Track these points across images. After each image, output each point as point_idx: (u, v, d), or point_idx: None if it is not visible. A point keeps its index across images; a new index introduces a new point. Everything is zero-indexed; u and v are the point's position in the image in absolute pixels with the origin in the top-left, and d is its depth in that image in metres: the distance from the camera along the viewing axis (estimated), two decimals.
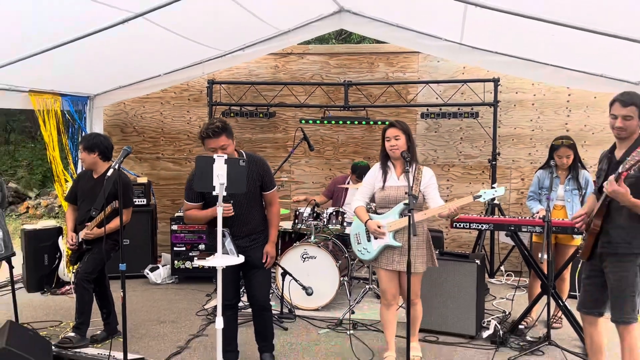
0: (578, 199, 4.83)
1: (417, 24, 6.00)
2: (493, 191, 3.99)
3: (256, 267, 3.96)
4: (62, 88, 6.33)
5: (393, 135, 4.05)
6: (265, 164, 4.00)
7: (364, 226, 4.08)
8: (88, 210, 4.31)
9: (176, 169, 8.02)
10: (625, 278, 3.31)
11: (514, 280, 6.77)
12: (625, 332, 3.37)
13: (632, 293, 3.31)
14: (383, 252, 4.02)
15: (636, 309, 3.34)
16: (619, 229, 3.34)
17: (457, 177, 7.38)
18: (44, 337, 4.33)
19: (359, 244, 4.18)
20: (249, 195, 3.86)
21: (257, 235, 3.98)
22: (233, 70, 7.72)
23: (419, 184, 4.03)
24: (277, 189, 4.15)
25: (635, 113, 3.28)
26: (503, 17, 4.64)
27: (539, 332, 4.74)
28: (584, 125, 7.02)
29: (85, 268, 4.53)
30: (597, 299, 3.52)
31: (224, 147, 3.73)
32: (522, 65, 5.93)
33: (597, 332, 3.60)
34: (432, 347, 4.53)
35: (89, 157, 4.60)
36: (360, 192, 4.20)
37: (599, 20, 4.26)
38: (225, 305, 3.83)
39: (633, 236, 3.30)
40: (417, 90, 7.35)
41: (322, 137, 7.70)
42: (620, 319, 3.35)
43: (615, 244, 3.35)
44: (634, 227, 3.29)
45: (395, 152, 4.02)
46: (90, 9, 4.23)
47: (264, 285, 4.05)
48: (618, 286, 3.34)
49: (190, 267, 6.50)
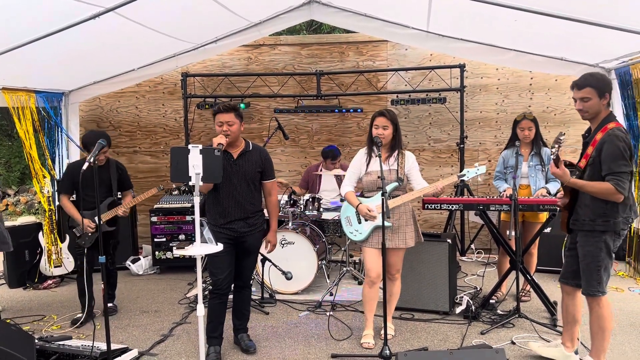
0: (541, 174, 5.00)
1: (385, 13, 6.13)
2: (475, 170, 4.20)
3: (250, 252, 4.17)
4: (36, 85, 6.30)
5: (382, 124, 4.18)
6: (267, 155, 4.20)
7: (353, 209, 4.28)
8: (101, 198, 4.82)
9: (153, 161, 8.07)
10: (590, 253, 3.42)
11: (484, 258, 7.03)
12: (593, 303, 3.48)
13: (597, 267, 3.41)
14: (373, 232, 4.20)
15: (603, 282, 3.45)
16: (585, 208, 3.44)
17: (428, 161, 7.58)
18: (27, 332, 4.32)
19: (350, 226, 4.34)
20: (248, 181, 4.05)
21: (254, 220, 4.14)
22: (206, 63, 7.77)
23: (403, 168, 4.24)
24: (275, 181, 4.32)
25: (593, 93, 3.35)
26: (467, 4, 4.77)
27: (509, 306, 4.91)
28: (546, 107, 7.28)
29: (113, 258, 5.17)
30: (574, 270, 3.62)
31: (231, 123, 3.93)
32: (487, 50, 6.12)
33: (573, 303, 3.71)
34: (408, 324, 4.69)
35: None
36: (347, 178, 4.36)
37: (558, 4, 4.40)
38: (218, 294, 4.02)
39: (596, 214, 3.39)
40: (386, 78, 7.51)
41: (297, 126, 7.83)
42: (587, 291, 3.47)
43: (582, 222, 3.46)
44: (597, 205, 3.38)
45: (382, 141, 4.18)
46: (61, 5, 4.25)
47: (251, 266, 4.28)
48: (584, 260, 3.46)
49: (171, 257, 6.59)
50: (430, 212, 7.53)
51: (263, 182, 4.20)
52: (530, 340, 4.17)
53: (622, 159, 3.27)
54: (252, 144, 4.18)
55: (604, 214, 3.37)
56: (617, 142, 3.27)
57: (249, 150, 4.11)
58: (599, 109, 3.39)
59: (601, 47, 5.36)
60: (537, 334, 4.35)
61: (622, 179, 3.25)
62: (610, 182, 3.26)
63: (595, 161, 3.34)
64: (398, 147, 4.28)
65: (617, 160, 3.26)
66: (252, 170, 4.07)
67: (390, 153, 4.29)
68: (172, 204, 6.69)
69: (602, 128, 3.37)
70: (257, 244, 4.22)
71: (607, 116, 3.42)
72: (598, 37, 4.83)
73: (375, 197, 4.21)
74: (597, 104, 3.37)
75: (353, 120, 7.73)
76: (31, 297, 5.87)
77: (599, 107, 3.38)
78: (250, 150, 4.11)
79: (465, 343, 4.26)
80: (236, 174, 4.01)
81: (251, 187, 4.09)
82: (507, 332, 4.46)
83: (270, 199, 4.25)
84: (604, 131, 3.35)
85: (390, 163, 4.25)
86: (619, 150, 3.26)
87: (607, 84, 3.40)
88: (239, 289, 4.26)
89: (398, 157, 4.26)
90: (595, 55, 5.74)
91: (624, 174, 3.26)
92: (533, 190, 4.99)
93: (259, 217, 4.19)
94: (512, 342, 4.24)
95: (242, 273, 4.21)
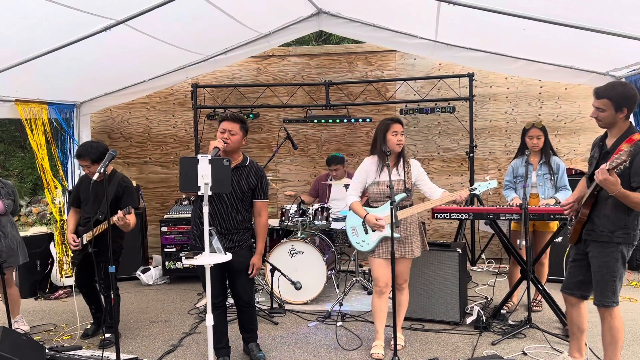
0: (550, 183, 4.96)
1: (393, 24, 6.14)
2: (487, 184, 4.19)
3: (237, 270, 4.03)
4: (48, 96, 6.38)
5: (400, 131, 4.17)
6: (262, 173, 4.12)
7: (359, 220, 4.24)
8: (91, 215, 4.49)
9: (164, 172, 8.12)
10: (606, 263, 3.38)
11: (495, 267, 6.98)
12: (606, 314, 3.45)
13: (613, 278, 3.38)
14: (381, 243, 4.17)
15: (617, 292, 3.42)
16: (604, 218, 3.39)
17: (437, 170, 7.56)
18: (37, 342, 4.35)
19: (356, 236, 4.31)
20: (237, 196, 3.97)
21: (238, 237, 4.01)
22: (216, 74, 7.83)
23: (410, 177, 4.21)
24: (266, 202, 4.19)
25: (609, 106, 3.31)
26: (475, 14, 4.76)
27: (520, 316, 4.87)
28: (556, 115, 7.24)
29: (106, 282, 4.53)
30: (580, 281, 3.60)
31: (233, 132, 3.91)
32: (495, 59, 6.10)
33: (578, 314, 3.69)
34: (418, 335, 4.66)
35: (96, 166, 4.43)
36: (353, 188, 4.30)
37: (568, 13, 4.38)
38: (213, 305, 3.95)
39: (617, 226, 3.35)
40: (395, 88, 7.52)
41: (306, 136, 7.85)
42: (601, 302, 3.43)
43: (599, 232, 3.41)
44: (618, 217, 3.34)
45: (400, 148, 4.18)
46: (73, 17, 4.29)
47: (247, 286, 4.13)
48: (599, 271, 3.41)
49: (181, 267, 6.61)
50: (441, 222, 7.50)
51: (254, 201, 4.09)
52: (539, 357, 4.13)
53: None
54: (251, 160, 4.12)
55: (625, 226, 3.34)
56: None
57: (244, 166, 4.05)
58: (614, 120, 3.35)
59: (611, 56, 5.32)
60: (549, 344, 4.31)
61: None
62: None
63: (623, 172, 3.23)
64: (402, 155, 4.27)
65: None
66: (243, 186, 3.99)
67: (397, 162, 4.26)
68: (182, 214, 6.71)
69: (627, 139, 3.30)
70: (244, 261, 4.03)
71: (629, 128, 3.37)
72: (608, 45, 4.80)
73: (382, 207, 4.18)
74: (612, 116, 3.33)
75: (362, 130, 7.74)
76: (42, 307, 5.91)
77: (613, 119, 3.34)
78: (245, 166, 4.05)
79: (476, 354, 4.23)
80: None
81: (239, 203, 3.99)
82: (519, 342, 4.42)
83: (260, 220, 4.11)
84: (630, 142, 3.26)
85: (398, 173, 4.23)
86: None
87: (626, 98, 3.30)
88: (242, 308, 4.21)
89: (404, 166, 4.24)
90: (606, 64, 5.71)
91: None
92: (541, 199, 4.95)
93: (243, 234, 4.06)
94: (523, 353, 4.20)
95: (240, 294, 4.12)
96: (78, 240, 4.64)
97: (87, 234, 4.58)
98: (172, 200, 7.84)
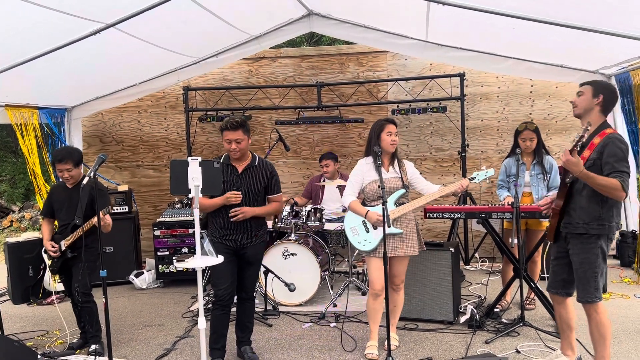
0: (543, 183, 4.98)
1: (384, 24, 6.17)
2: (484, 172, 4.23)
3: (251, 263, 4.18)
4: (39, 101, 6.36)
5: (394, 131, 4.22)
6: (272, 170, 4.25)
7: (359, 219, 4.24)
8: (68, 221, 4.44)
9: (156, 175, 8.09)
10: (587, 260, 3.41)
11: (488, 266, 6.99)
12: (591, 310, 3.47)
13: (595, 273, 3.41)
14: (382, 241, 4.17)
15: (600, 288, 3.44)
16: (579, 210, 3.44)
17: (430, 170, 7.58)
18: (30, 347, 4.33)
19: (357, 236, 4.27)
20: (251, 195, 4.08)
21: (255, 232, 4.15)
22: (208, 77, 7.82)
23: (406, 175, 4.25)
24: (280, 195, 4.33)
25: (588, 90, 3.46)
26: (465, 13, 4.79)
27: (513, 314, 4.88)
28: (547, 114, 7.27)
29: (83, 285, 4.46)
30: (564, 279, 3.64)
31: (239, 141, 3.97)
32: (486, 59, 6.15)
33: (565, 311, 3.72)
34: (412, 334, 4.66)
35: (77, 170, 4.53)
36: (350, 187, 4.29)
37: (556, 12, 4.43)
38: (220, 305, 4.01)
39: (591, 217, 3.40)
40: (387, 88, 7.53)
41: (298, 137, 7.85)
42: (584, 298, 3.46)
43: (575, 224, 3.46)
44: (593, 209, 3.39)
45: (394, 148, 4.22)
46: (63, 21, 4.29)
47: (254, 277, 4.28)
48: (581, 267, 3.44)
49: (174, 270, 6.59)
50: (434, 221, 7.52)
51: (268, 196, 4.23)
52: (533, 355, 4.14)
53: (624, 160, 3.32)
54: (259, 158, 4.21)
55: (599, 217, 3.39)
56: (619, 144, 3.34)
57: (254, 165, 4.13)
58: (589, 106, 3.46)
59: (601, 54, 5.37)
60: (542, 342, 4.33)
61: (625, 179, 3.28)
62: (616, 178, 3.27)
63: (595, 163, 3.35)
64: (396, 155, 4.31)
65: (620, 161, 3.30)
66: (256, 186, 4.10)
67: (392, 161, 4.30)
68: (174, 217, 6.70)
69: (600, 133, 3.42)
70: (258, 254, 4.24)
71: (603, 123, 3.48)
72: (597, 43, 4.84)
73: (379, 207, 4.15)
74: (588, 100, 3.45)
75: (354, 131, 7.75)
76: (35, 313, 5.87)
77: (589, 104, 3.45)
78: (255, 165, 4.14)
79: (470, 352, 4.23)
80: (240, 189, 4.03)
81: (254, 201, 4.11)
82: (512, 340, 4.43)
83: (272, 203, 4.28)
84: (602, 136, 3.40)
85: (395, 170, 4.27)
86: (621, 152, 3.32)
87: (605, 87, 3.48)
88: (242, 301, 4.27)
89: (399, 165, 4.28)
90: (595, 62, 5.76)
91: (626, 174, 3.29)
92: (535, 199, 4.97)
93: (260, 229, 4.22)
94: (517, 351, 4.20)
95: (245, 284, 4.22)
96: (57, 246, 4.59)
97: (66, 239, 4.53)
98: (165, 204, 7.82)
